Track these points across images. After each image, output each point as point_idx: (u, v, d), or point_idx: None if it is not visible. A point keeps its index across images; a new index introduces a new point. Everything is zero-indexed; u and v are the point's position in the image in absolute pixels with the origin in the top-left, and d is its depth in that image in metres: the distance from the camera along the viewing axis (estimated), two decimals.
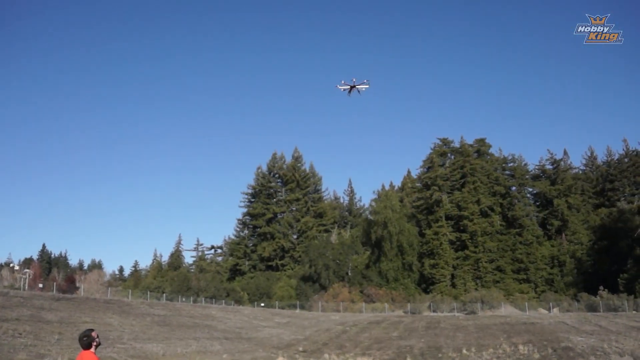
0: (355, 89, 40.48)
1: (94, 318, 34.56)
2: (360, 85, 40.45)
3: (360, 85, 40.47)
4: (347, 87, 40.56)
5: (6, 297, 35.12)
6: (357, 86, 40.33)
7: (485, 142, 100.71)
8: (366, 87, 40.96)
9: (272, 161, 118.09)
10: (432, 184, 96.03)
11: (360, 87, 40.45)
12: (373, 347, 38.37)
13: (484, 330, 44.81)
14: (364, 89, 40.73)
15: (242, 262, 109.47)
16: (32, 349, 22.36)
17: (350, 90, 40.65)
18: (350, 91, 40.74)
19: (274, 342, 40.49)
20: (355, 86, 40.33)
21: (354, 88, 40.42)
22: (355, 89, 40.56)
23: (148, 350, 27.91)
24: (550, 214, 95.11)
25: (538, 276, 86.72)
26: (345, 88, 40.57)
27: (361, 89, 40.49)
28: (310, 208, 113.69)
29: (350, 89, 40.51)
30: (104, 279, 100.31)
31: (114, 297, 56.46)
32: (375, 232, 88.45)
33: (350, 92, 40.80)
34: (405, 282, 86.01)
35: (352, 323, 54.55)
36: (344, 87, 40.62)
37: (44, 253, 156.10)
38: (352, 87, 40.41)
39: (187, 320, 44.71)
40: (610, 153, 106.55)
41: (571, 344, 33.87)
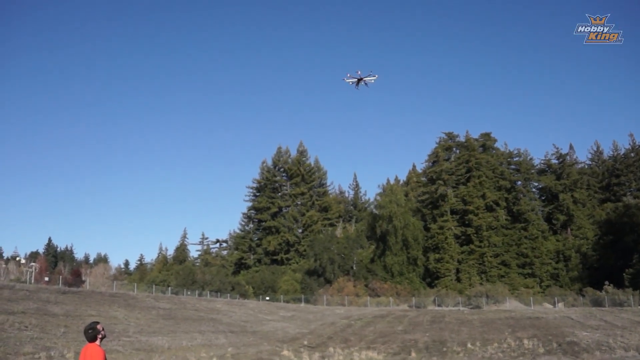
0: (362, 81, 40.27)
1: (99, 311, 34.68)
2: (367, 77, 40.24)
3: (367, 77, 40.26)
4: (354, 80, 40.37)
5: (12, 290, 35.27)
6: (365, 78, 40.11)
7: (490, 136, 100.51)
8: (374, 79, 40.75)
9: (277, 155, 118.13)
10: (438, 178, 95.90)
11: (368, 79, 40.22)
12: (378, 341, 38.40)
13: (489, 325, 44.79)
14: (372, 80, 40.51)
15: (247, 256, 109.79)
16: (38, 342, 22.45)
17: (357, 83, 40.46)
18: (357, 84, 40.54)
19: (279, 336, 40.57)
20: (362, 78, 40.13)
21: (361, 80, 40.22)
22: (362, 82, 40.36)
23: (153, 343, 28.00)
24: (556, 209, 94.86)
25: (543, 271, 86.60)
26: (353, 81, 40.37)
27: (369, 80, 40.26)
28: (315, 202, 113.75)
29: (358, 81, 40.31)
30: (109, 273, 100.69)
31: (119, 290, 56.59)
32: (380, 226, 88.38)
33: (358, 84, 40.60)
34: (410, 276, 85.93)
35: (357, 317, 54.60)
36: (351, 80, 40.42)
37: (50, 247, 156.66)
38: (360, 79, 40.21)
39: (192, 314, 44.83)
40: (616, 147, 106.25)
41: (576, 338, 33.82)
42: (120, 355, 22.77)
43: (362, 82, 40.15)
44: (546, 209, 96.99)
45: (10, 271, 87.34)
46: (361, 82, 40.15)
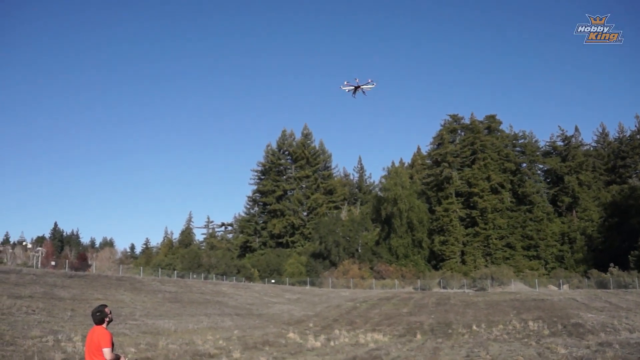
0: (360, 89, 39.67)
1: (106, 295, 34.86)
2: (365, 85, 39.61)
3: (365, 85, 39.63)
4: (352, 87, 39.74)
5: (19, 274, 35.48)
6: (362, 86, 39.48)
7: (495, 118, 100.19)
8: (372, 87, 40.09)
9: (282, 138, 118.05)
10: (442, 160, 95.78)
11: (366, 87, 39.58)
12: (383, 323, 38.53)
13: (494, 307, 44.87)
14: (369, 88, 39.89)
15: (252, 239, 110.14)
16: (46, 325, 22.59)
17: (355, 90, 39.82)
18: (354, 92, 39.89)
19: (284, 318, 40.75)
20: (360, 86, 39.52)
21: (358, 88, 39.61)
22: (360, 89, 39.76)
23: (160, 326, 28.15)
24: (561, 191, 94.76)
25: (548, 253, 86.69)
26: (350, 88, 39.75)
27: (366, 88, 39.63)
28: (320, 185, 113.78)
29: (355, 89, 39.69)
30: (115, 257, 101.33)
31: (125, 274, 56.82)
32: (385, 208, 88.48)
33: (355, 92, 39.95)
34: (415, 258, 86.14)
35: (362, 299, 54.75)
36: (348, 88, 39.79)
37: (56, 231, 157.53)
38: (357, 87, 39.60)
39: (198, 297, 45.02)
40: (622, 129, 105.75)
41: (581, 320, 33.86)
42: (127, 338, 22.90)
43: (360, 90, 39.60)
44: (551, 191, 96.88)
45: (17, 256, 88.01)
46: (359, 90, 39.60)
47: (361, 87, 39.29)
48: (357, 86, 39.32)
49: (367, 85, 39.47)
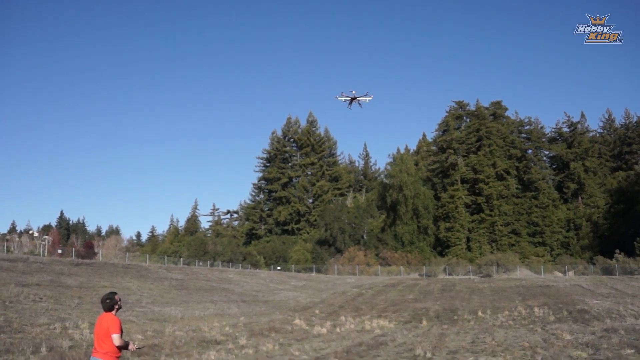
0: (356, 100, 39.23)
1: (112, 282, 35.04)
2: (362, 97, 39.14)
3: (362, 97, 39.15)
4: (348, 98, 39.28)
5: (26, 263, 35.67)
6: (359, 98, 39.05)
7: (501, 104, 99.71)
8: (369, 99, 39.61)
9: (287, 126, 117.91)
10: (448, 147, 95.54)
11: (362, 99, 39.13)
12: (389, 309, 38.65)
13: (500, 293, 44.96)
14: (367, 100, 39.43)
15: (258, 226, 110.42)
16: (53, 313, 22.75)
17: (350, 102, 39.38)
18: (350, 103, 39.45)
19: (290, 305, 40.92)
20: (356, 97, 39.08)
21: (354, 100, 39.17)
22: (356, 101, 39.31)
23: (166, 313, 28.31)
24: (567, 177, 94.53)
25: (554, 239, 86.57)
26: (346, 99, 39.31)
27: (363, 100, 39.18)
28: (325, 172, 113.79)
29: (351, 100, 39.25)
30: (121, 245, 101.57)
31: (132, 262, 57.10)
32: (391, 195, 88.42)
33: (351, 104, 39.52)
34: (420, 245, 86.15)
35: (368, 286, 54.92)
36: (344, 98, 39.34)
37: (62, 220, 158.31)
38: (353, 98, 39.16)
39: (204, 284, 45.23)
40: (628, 116, 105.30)
41: (587, 306, 33.91)
42: (134, 325, 23.05)
43: (356, 102, 39.18)
44: (557, 178, 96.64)
45: (24, 244, 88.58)
46: (355, 102, 39.18)
47: (358, 98, 38.91)
48: (353, 97, 38.92)
49: (364, 97, 39.08)
